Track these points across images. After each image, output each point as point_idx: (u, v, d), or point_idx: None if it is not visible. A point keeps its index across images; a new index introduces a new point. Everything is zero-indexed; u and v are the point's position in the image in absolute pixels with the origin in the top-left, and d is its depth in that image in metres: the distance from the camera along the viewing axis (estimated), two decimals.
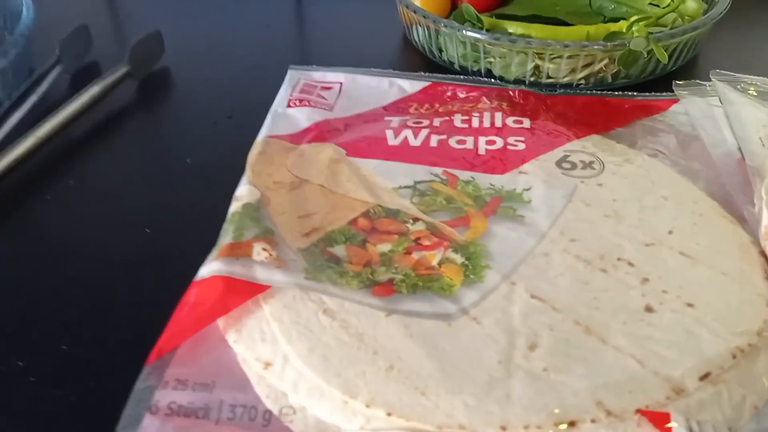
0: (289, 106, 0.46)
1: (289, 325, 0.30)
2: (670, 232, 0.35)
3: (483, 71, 0.51)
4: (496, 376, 0.28)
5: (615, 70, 0.49)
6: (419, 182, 0.39)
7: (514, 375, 0.28)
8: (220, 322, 0.31)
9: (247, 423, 0.27)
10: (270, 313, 0.31)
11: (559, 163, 0.40)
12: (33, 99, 0.48)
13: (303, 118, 0.45)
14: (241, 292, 0.32)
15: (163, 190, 0.43)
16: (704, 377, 0.28)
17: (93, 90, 0.48)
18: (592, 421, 0.26)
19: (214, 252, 0.34)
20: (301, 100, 0.47)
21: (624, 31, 0.49)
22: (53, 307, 0.34)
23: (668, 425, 0.26)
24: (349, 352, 0.29)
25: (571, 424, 0.26)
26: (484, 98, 0.47)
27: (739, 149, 0.40)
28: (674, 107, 0.46)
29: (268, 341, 0.30)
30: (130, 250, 0.38)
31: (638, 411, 0.27)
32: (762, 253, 0.34)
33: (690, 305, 0.31)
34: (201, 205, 0.40)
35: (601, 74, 0.49)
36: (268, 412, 0.28)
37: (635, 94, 0.47)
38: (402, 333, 0.30)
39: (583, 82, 0.49)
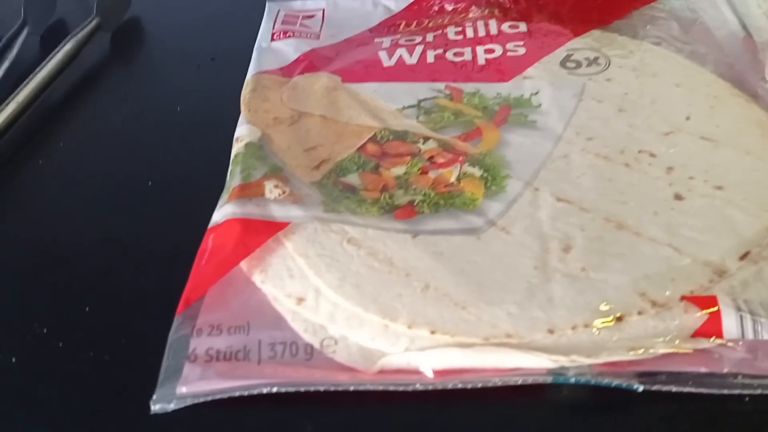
0: (273, 39, 0.45)
1: (316, 259, 0.29)
2: (688, 118, 0.34)
3: None
4: (535, 282, 0.28)
5: None
6: (423, 100, 0.37)
7: (553, 278, 0.28)
8: (244, 264, 0.30)
9: (290, 359, 0.27)
10: (294, 249, 0.30)
11: (563, 63, 0.39)
12: (5, 65, 0.46)
13: (290, 50, 0.43)
14: (260, 232, 0.31)
15: (157, 141, 0.41)
16: (744, 256, 0.28)
17: (66, 47, 0.46)
18: (639, 313, 0.26)
19: (224, 195, 0.33)
20: (285, 32, 0.45)
21: None
22: (68, 271, 0.33)
23: (715, 308, 0.26)
24: (381, 277, 0.28)
25: (619, 318, 0.26)
26: (474, 7, 0.45)
27: (743, 27, 0.39)
28: None
29: (297, 277, 0.29)
30: (134, 206, 0.36)
31: (683, 297, 0.26)
32: None
33: (719, 188, 0.31)
34: (200, 151, 0.39)
35: None
36: (309, 345, 0.27)
37: None
38: (432, 252, 0.29)
39: None
